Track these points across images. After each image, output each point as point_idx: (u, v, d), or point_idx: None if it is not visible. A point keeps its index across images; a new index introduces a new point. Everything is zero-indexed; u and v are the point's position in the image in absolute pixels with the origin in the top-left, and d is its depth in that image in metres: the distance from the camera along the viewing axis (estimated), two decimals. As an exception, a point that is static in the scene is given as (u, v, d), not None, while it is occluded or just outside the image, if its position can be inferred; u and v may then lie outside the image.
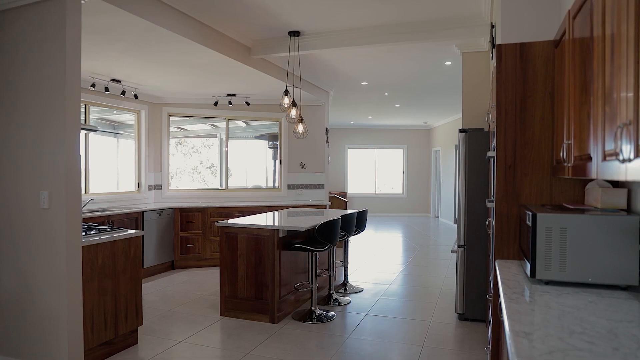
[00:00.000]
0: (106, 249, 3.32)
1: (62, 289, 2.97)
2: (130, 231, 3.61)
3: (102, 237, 3.30)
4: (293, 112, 4.86)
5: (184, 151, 7.74)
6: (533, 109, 2.43)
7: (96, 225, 3.67)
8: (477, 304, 4.20)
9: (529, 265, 2.00)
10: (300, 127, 5.10)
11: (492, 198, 2.99)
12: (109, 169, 6.61)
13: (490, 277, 2.94)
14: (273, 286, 4.19)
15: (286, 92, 4.86)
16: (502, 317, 2.09)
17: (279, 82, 5.95)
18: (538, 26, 2.62)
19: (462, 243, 4.26)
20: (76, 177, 3.05)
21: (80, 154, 3.11)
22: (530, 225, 1.96)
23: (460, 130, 4.26)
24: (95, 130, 4.93)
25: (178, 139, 7.70)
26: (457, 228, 4.30)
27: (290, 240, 4.49)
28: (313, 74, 6.71)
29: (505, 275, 2.14)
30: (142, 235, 3.71)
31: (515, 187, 2.48)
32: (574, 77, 1.87)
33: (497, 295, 2.44)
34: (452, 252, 4.36)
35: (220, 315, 4.39)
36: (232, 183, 7.90)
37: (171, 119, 7.42)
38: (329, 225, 4.28)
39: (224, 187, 7.63)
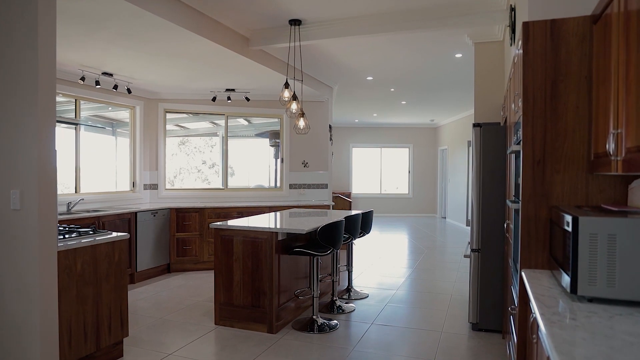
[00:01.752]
0: (86, 254, 3.02)
1: (35, 298, 2.67)
2: (115, 234, 3.31)
3: (82, 241, 3.00)
4: (294, 106, 4.54)
5: (187, 151, 7.47)
6: (566, 95, 2.11)
7: (77, 228, 3.37)
8: (492, 313, 3.87)
9: (567, 279, 1.68)
10: (301, 122, 4.79)
11: (514, 198, 2.67)
12: (105, 167, 6.33)
13: (512, 288, 2.62)
14: (271, 293, 3.88)
15: (286, 85, 4.55)
16: (533, 337, 1.77)
17: (280, 75, 5.64)
18: (570, 1, 2.30)
19: (475, 247, 3.93)
20: (51, 175, 2.75)
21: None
22: (571, 230, 1.64)
23: (474, 125, 3.93)
24: (76, 125, 4.63)
25: (181, 139, 7.44)
26: (470, 231, 3.97)
27: (290, 243, 4.17)
28: (316, 67, 6.40)
29: (536, 288, 1.82)
30: (128, 239, 3.40)
31: (545, 186, 2.15)
32: (625, 54, 1.55)
33: (525, 310, 2.12)
34: (465, 256, 4.03)
35: (215, 324, 4.08)
36: (235, 183, 7.63)
37: (171, 116, 7.14)
38: (331, 228, 3.97)
39: (223, 187, 7.33)
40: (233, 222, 4.22)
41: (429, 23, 4.27)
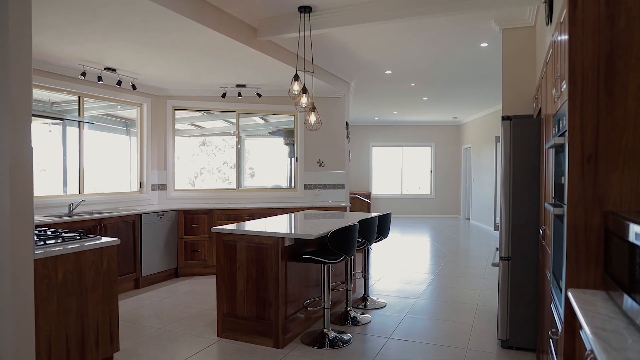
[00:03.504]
0: (69, 262, 2.73)
1: (6, 312, 2.39)
2: (104, 239, 3.03)
3: (65, 247, 2.72)
4: (304, 100, 4.19)
5: (208, 151, 7.22)
6: (625, 74, 1.70)
7: (62, 233, 3.10)
8: (525, 329, 3.44)
9: (638, 308, 1.28)
10: (312, 118, 4.44)
11: (555, 201, 2.25)
12: (116, 168, 6.11)
13: (553, 308, 2.21)
14: (277, 304, 3.54)
15: (296, 77, 4.20)
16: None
17: (293, 69, 5.28)
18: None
19: (505, 255, 3.51)
20: (26, 175, 2.47)
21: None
22: (644, 246, 1.24)
23: (504, 118, 3.51)
24: (62, 120, 4.37)
25: (202, 139, 7.21)
26: (499, 236, 3.55)
27: (300, 248, 3.83)
28: (330, 61, 6.03)
29: (592, 319, 1.42)
30: (119, 244, 3.12)
31: (598, 187, 1.74)
32: None
33: (573, 340, 1.72)
34: (494, 265, 3.61)
35: (218, 336, 3.76)
36: (253, 183, 7.35)
37: (184, 115, 6.89)
38: (343, 233, 3.60)
39: (235, 187, 7.03)
40: (236, 226, 3.89)
41: (451, 5, 3.86)
